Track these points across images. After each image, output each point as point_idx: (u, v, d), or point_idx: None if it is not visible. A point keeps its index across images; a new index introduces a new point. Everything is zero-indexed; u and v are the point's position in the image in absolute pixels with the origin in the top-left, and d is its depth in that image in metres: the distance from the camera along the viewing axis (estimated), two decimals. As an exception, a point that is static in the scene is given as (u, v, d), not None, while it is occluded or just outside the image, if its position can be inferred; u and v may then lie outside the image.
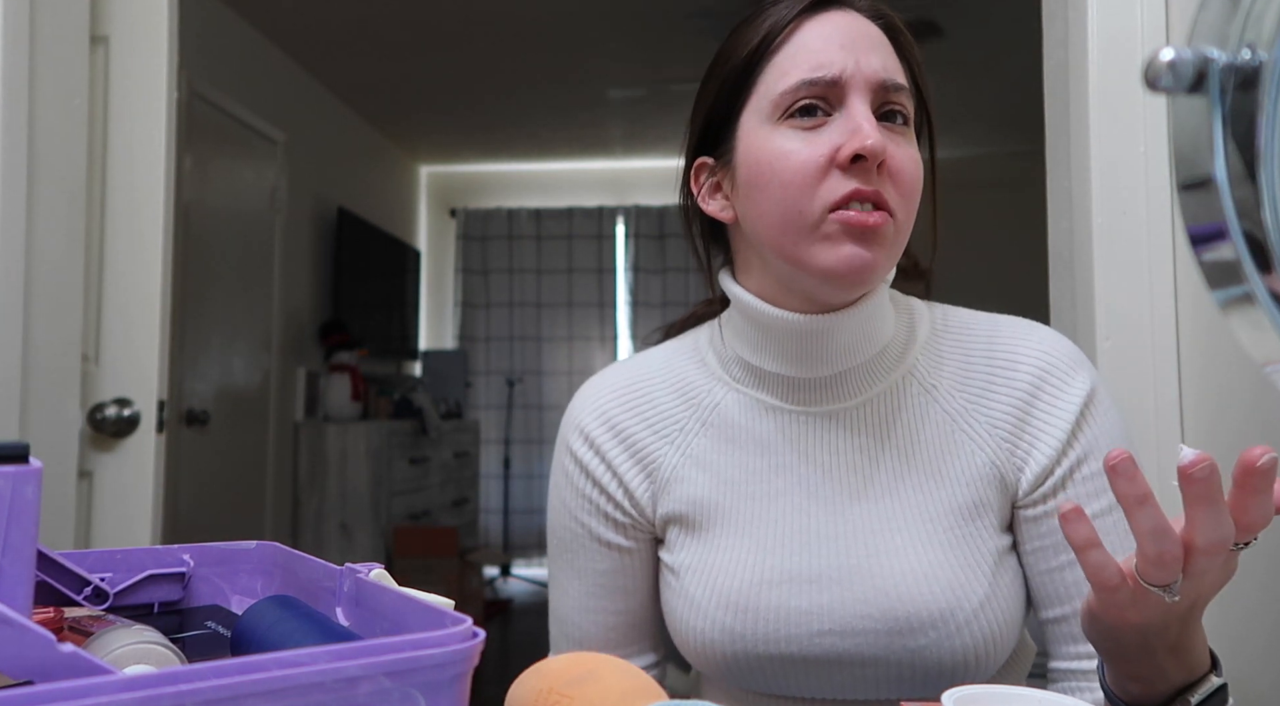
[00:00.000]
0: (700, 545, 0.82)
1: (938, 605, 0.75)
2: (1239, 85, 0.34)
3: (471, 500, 5.16)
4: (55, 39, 1.47)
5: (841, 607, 0.77)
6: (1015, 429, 0.79)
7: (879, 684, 0.79)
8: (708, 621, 0.79)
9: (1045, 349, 0.80)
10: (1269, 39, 0.33)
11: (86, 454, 1.58)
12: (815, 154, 0.73)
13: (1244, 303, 0.35)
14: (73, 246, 1.52)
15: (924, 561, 0.77)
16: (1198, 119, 0.35)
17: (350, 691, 0.40)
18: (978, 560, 0.77)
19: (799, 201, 0.74)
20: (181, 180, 2.99)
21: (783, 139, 0.75)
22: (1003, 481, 0.79)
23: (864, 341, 0.80)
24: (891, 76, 0.76)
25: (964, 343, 0.83)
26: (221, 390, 3.41)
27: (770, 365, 0.81)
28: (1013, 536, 0.81)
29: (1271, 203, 0.34)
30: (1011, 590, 0.79)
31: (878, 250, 0.73)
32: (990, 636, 0.77)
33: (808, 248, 0.74)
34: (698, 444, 0.84)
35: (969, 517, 0.78)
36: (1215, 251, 0.36)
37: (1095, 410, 0.79)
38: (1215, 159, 0.35)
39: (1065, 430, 0.78)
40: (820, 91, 0.75)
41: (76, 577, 0.59)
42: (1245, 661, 1.29)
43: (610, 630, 0.88)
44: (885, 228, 0.73)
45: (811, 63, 0.75)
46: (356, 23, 3.66)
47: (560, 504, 0.89)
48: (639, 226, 5.76)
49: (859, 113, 0.73)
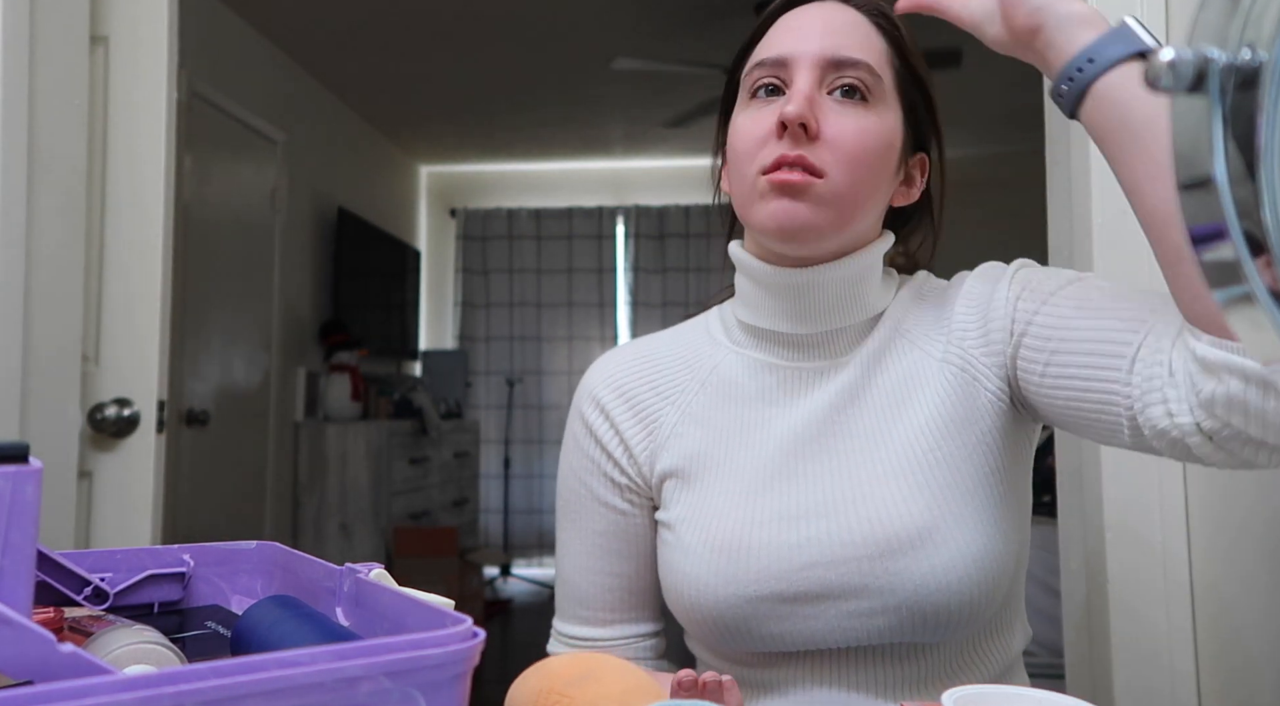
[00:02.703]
0: (694, 496, 0.86)
1: (915, 523, 0.78)
2: (1239, 85, 0.34)
3: (471, 500, 5.16)
4: (55, 39, 1.47)
5: (827, 538, 0.80)
6: (980, 318, 0.83)
7: (866, 622, 0.79)
8: (701, 565, 0.82)
9: (981, 265, 0.88)
10: (1269, 39, 0.33)
11: (86, 454, 1.58)
12: (759, 127, 0.81)
13: (1244, 302, 0.35)
14: (73, 246, 1.52)
15: (904, 484, 0.80)
16: (1198, 119, 0.35)
17: (350, 691, 0.40)
18: (957, 480, 0.80)
19: (745, 168, 0.82)
20: (181, 180, 2.99)
21: (744, 117, 0.84)
22: (975, 381, 0.82)
23: (850, 302, 0.85)
24: (840, 53, 0.81)
25: (933, 292, 0.90)
26: (221, 390, 3.41)
27: (766, 322, 0.87)
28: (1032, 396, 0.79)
29: (1271, 202, 0.34)
30: (995, 515, 0.80)
31: (805, 205, 0.79)
32: (972, 558, 0.77)
33: (750, 208, 0.82)
34: (696, 402, 0.90)
35: (947, 435, 0.82)
36: (1215, 251, 0.36)
37: (1025, 265, 0.85)
38: (1215, 159, 0.35)
39: (1006, 284, 0.82)
40: (770, 72, 0.82)
41: (76, 577, 0.59)
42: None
43: (609, 591, 0.91)
44: (812, 186, 0.78)
45: (770, 48, 0.84)
46: (356, 23, 3.66)
47: (567, 467, 0.94)
48: (639, 226, 5.76)
49: (797, 86, 0.80)
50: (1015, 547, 0.82)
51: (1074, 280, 0.79)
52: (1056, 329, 0.76)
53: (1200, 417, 0.64)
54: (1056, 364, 0.75)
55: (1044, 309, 0.78)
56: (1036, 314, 0.78)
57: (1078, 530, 1.39)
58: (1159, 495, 1.29)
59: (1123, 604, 1.29)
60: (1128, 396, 0.69)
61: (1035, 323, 0.78)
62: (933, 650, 0.82)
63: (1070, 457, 1.43)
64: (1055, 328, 0.76)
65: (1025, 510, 0.86)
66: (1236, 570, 1.28)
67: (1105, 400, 0.71)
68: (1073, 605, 1.42)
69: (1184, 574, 1.28)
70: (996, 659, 0.86)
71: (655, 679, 0.62)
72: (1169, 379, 0.66)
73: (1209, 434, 0.64)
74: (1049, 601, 2.13)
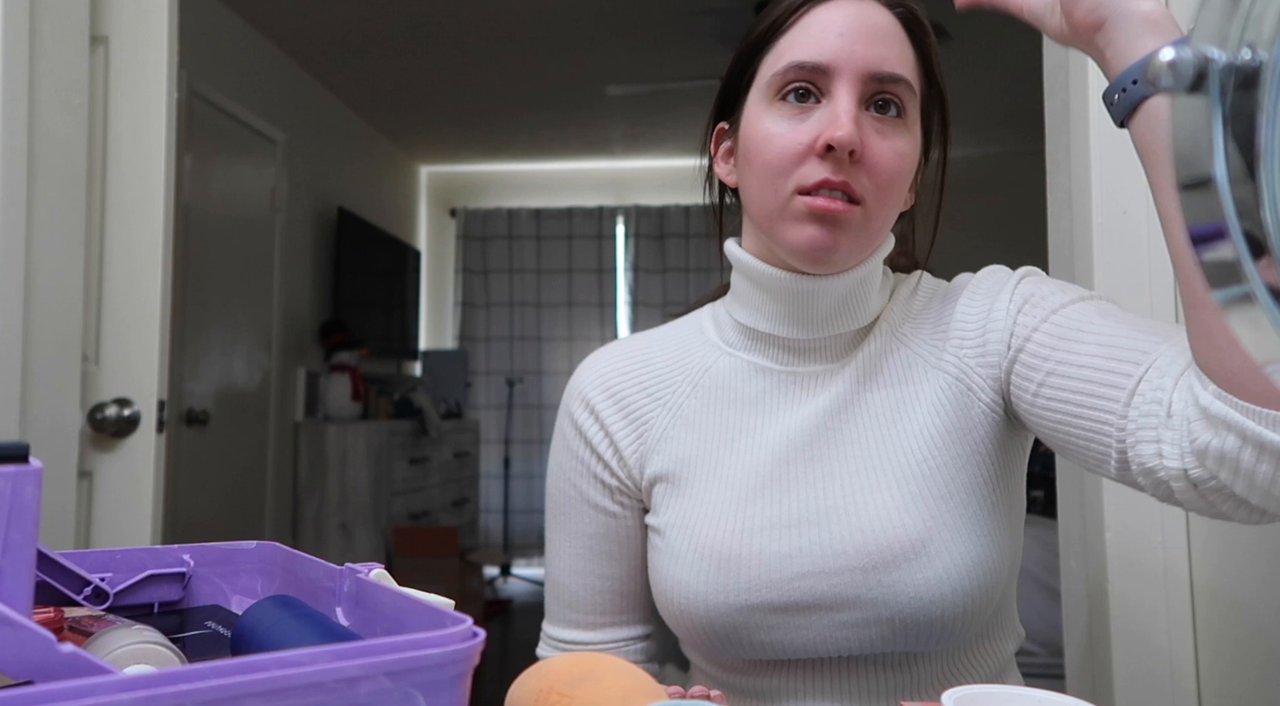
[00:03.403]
0: (684, 501, 0.85)
1: (909, 535, 0.77)
2: (1239, 85, 0.34)
3: (471, 500, 5.15)
4: (55, 39, 1.47)
5: (819, 548, 0.79)
6: (979, 329, 0.82)
7: (859, 633, 0.79)
8: (691, 573, 0.81)
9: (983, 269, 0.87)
10: (1269, 39, 0.33)
11: (86, 454, 1.58)
12: (796, 140, 0.78)
13: (1244, 302, 0.35)
14: (73, 246, 1.52)
15: (897, 495, 0.79)
16: (1198, 119, 0.35)
17: (350, 691, 0.40)
18: (951, 490, 0.79)
19: (776, 181, 0.79)
20: (181, 180, 2.99)
21: (772, 121, 0.80)
22: (970, 392, 0.81)
23: (852, 308, 0.84)
24: (884, 67, 0.78)
25: (933, 297, 0.88)
26: (221, 390, 3.41)
27: (764, 325, 0.85)
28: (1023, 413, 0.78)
29: (1271, 202, 0.34)
30: (989, 525, 0.80)
31: (840, 235, 0.78)
32: (966, 569, 0.77)
33: (779, 223, 0.79)
34: (688, 405, 0.88)
35: (941, 446, 0.81)
36: (1215, 251, 0.36)
37: (1029, 275, 0.83)
38: (1215, 159, 0.35)
39: (1008, 295, 0.81)
40: (808, 76, 0.78)
41: (76, 577, 0.59)
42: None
43: (598, 594, 0.90)
44: (850, 215, 0.77)
45: (806, 47, 0.78)
46: (356, 23, 3.66)
47: (556, 468, 0.93)
48: (639, 226, 5.76)
49: (840, 103, 0.76)
50: (1009, 555, 0.82)
51: (1079, 299, 0.78)
52: (1054, 350, 0.75)
53: (1190, 465, 0.63)
54: (1050, 386, 0.74)
55: (1043, 327, 0.76)
56: (1035, 331, 0.77)
57: (1078, 530, 1.39)
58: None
59: (1123, 603, 1.29)
60: (1121, 429, 0.68)
61: (1034, 339, 0.77)
62: (925, 658, 0.82)
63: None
64: (1053, 348, 0.75)
65: (1018, 516, 0.86)
66: (1236, 569, 1.28)
67: (1096, 430, 0.70)
68: (1073, 605, 1.42)
69: (1184, 573, 1.28)
70: (989, 663, 0.85)
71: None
72: (1165, 420, 0.65)
73: (1195, 481, 0.63)
74: (1049, 601, 2.13)
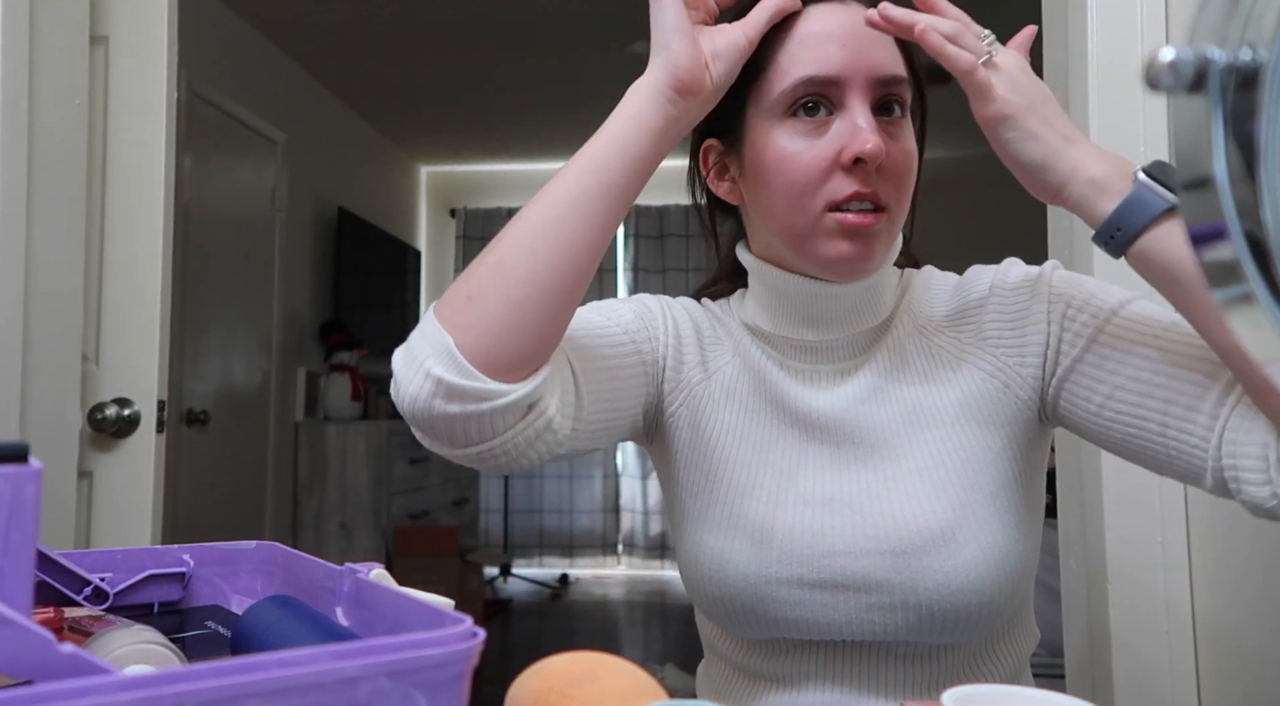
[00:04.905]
0: (719, 469, 0.85)
1: (938, 523, 0.78)
2: (1239, 85, 0.34)
3: (471, 500, 5.15)
4: (55, 39, 1.46)
5: (852, 528, 0.80)
6: (1016, 328, 0.82)
7: (884, 617, 0.79)
8: (725, 540, 0.82)
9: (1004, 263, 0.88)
10: (1269, 39, 0.33)
11: (86, 454, 1.58)
12: (818, 156, 0.77)
13: (1244, 302, 0.35)
14: (73, 246, 1.52)
15: (927, 483, 0.80)
16: (1198, 119, 0.35)
17: (350, 691, 0.40)
18: (981, 482, 0.80)
19: (802, 200, 0.78)
20: (181, 180, 2.99)
21: (787, 138, 0.79)
22: (1007, 389, 0.82)
23: (870, 306, 0.85)
24: (888, 70, 0.78)
25: (947, 288, 0.89)
26: (221, 390, 3.41)
27: (784, 329, 0.86)
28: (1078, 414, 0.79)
29: (1272, 202, 0.34)
30: (1015, 519, 0.80)
31: (873, 245, 0.79)
32: (994, 560, 0.78)
33: (809, 240, 0.79)
34: (730, 369, 0.87)
35: (972, 438, 0.82)
36: (1215, 251, 0.36)
37: (1059, 269, 0.85)
38: (1215, 159, 0.35)
39: (1045, 297, 0.81)
40: (819, 89, 0.77)
41: (76, 577, 0.59)
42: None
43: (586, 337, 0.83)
44: (878, 225, 0.78)
45: (812, 61, 0.77)
46: (356, 23, 3.66)
47: (613, 309, 0.86)
48: (639, 226, 5.76)
49: (859, 114, 0.76)
50: (1031, 552, 0.83)
51: (1128, 302, 0.79)
52: (1121, 363, 0.75)
53: None
54: (1120, 400, 0.75)
55: (1102, 336, 0.77)
56: (1094, 342, 0.77)
57: (1078, 530, 1.39)
58: (1159, 495, 1.29)
59: (1122, 604, 1.29)
60: (1216, 452, 0.70)
61: (1093, 350, 0.77)
62: (947, 652, 0.82)
63: (1070, 457, 1.43)
64: (1119, 360, 0.76)
65: (1039, 516, 0.87)
66: (1236, 569, 1.28)
67: (1183, 450, 0.72)
68: (1073, 605, 1.42)
69: (1184, 573, 1.28)
70: (1008, 662, 0.85)
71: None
72: (1276, 463, 0.67)
73: None
74: (1049, 601, 2.13)
